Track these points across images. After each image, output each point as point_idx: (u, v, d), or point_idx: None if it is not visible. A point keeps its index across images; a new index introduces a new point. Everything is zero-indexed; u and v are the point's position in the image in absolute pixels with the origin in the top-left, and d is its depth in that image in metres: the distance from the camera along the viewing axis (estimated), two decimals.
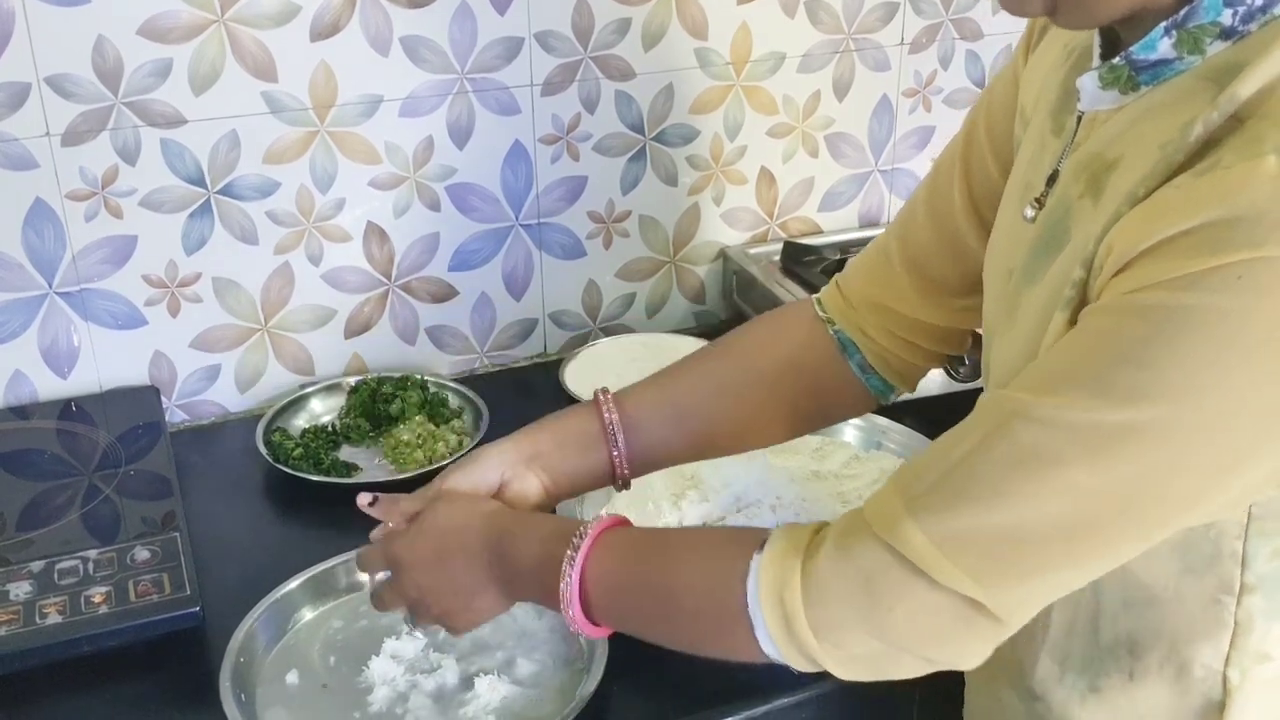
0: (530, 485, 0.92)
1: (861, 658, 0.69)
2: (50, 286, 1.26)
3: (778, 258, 1.55)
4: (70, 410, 1.29)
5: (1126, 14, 0.64)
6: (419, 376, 1.38)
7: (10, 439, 1.25)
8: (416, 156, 1.37)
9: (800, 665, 0.71)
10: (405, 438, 1.27)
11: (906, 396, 1.31)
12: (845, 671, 0.70)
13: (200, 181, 1.28)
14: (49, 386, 1.31)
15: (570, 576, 0.79)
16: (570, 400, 1.36)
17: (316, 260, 1.37)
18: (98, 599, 1.00)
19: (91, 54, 1.19)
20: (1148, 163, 0.63)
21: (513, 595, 0.87)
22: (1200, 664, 0.72)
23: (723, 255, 1.58)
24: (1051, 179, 0.73)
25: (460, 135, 1.38)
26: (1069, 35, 0.78)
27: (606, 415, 0.93)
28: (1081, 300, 0.65)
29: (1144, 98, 0.66)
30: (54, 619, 0.97)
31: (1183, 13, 0.63)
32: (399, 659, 0.98)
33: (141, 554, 1.05)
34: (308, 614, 1.03)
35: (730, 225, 1.58)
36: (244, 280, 1.34)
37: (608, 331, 1.55)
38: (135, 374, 1.34)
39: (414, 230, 1.40)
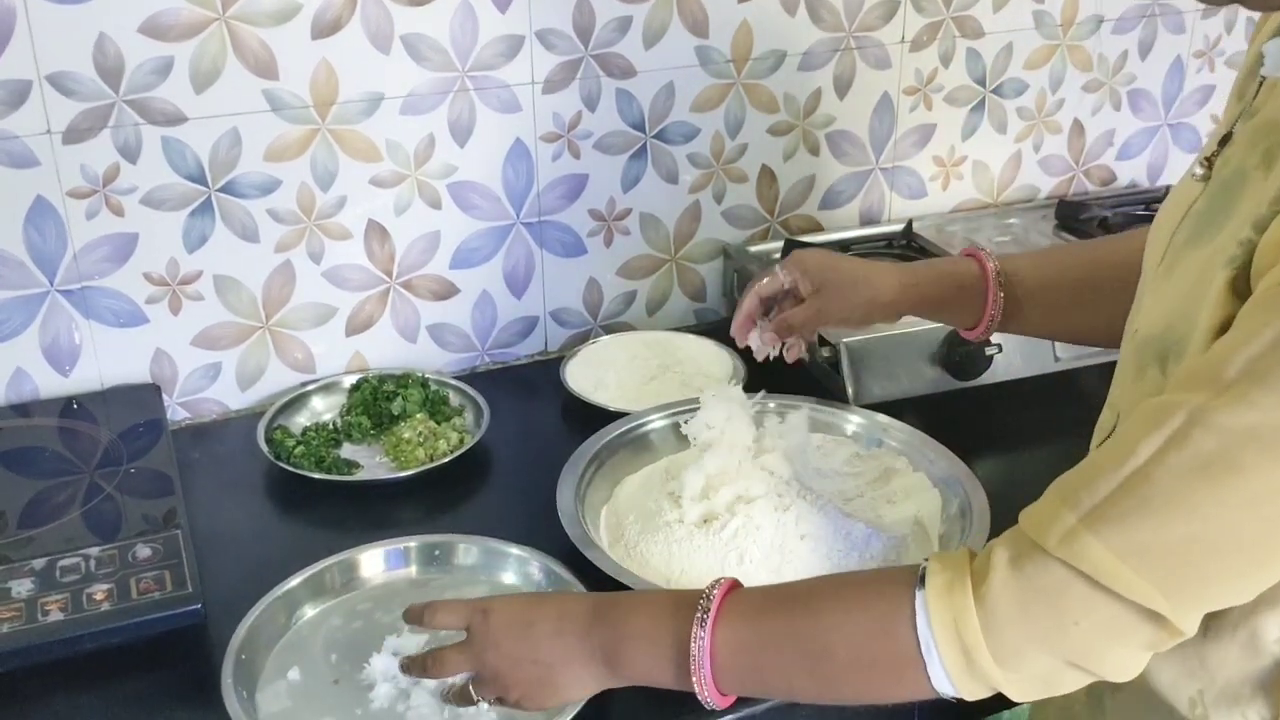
0: (907, 301, 1.07)
1: (1038, 677, 0.69)
2: (51, 284, 1.26)
3: (778, 255, 1.55)
4: (71, 408, 1.29)
5: None
6: (420, 374, 1.38)
7: (11, 437, 1.25)
8: (417, 154, 1.37)
9: (975, 696, 0.70)
10: (406, 435, 1.27)
11: (907, 395, 1.31)
12: (1022, 693, 0.69)
13: (201, 179, 1.28)
14: (50, 384, 1.31)
15: (702, 639, 0.76)
16: (571, 398, 1.36)
17: (318, 258, 1.37)
18: (99, 596, 1.00)
19: (93, 52, 1.19)
20: None
21: (610, 666, 0.81)
22: (1276, 624, 0.71)
23: (723, 253, 1.58)
24: (1224, 140, 0.73)
25: (461, 133, 1.38)
26: (1274, 17, 0.78)
27: (989, 265, 1.03)
28: (1246, 263, 0.64)
29: None
30: (56, 616, 0.98)
31: None
32: (401, 656, 0.98)
33: (143, 551, 1.05)
34: (309, 611, 1.03)
35: (731, 223, 1.58)
36: (245, 278, 1.34)
37: (609, 329, 1.55)
38: (136, 372, 1.34)
39: (415, 228, 1.40)
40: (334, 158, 1.33)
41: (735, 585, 0.80)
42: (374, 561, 1.08)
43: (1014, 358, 1.35)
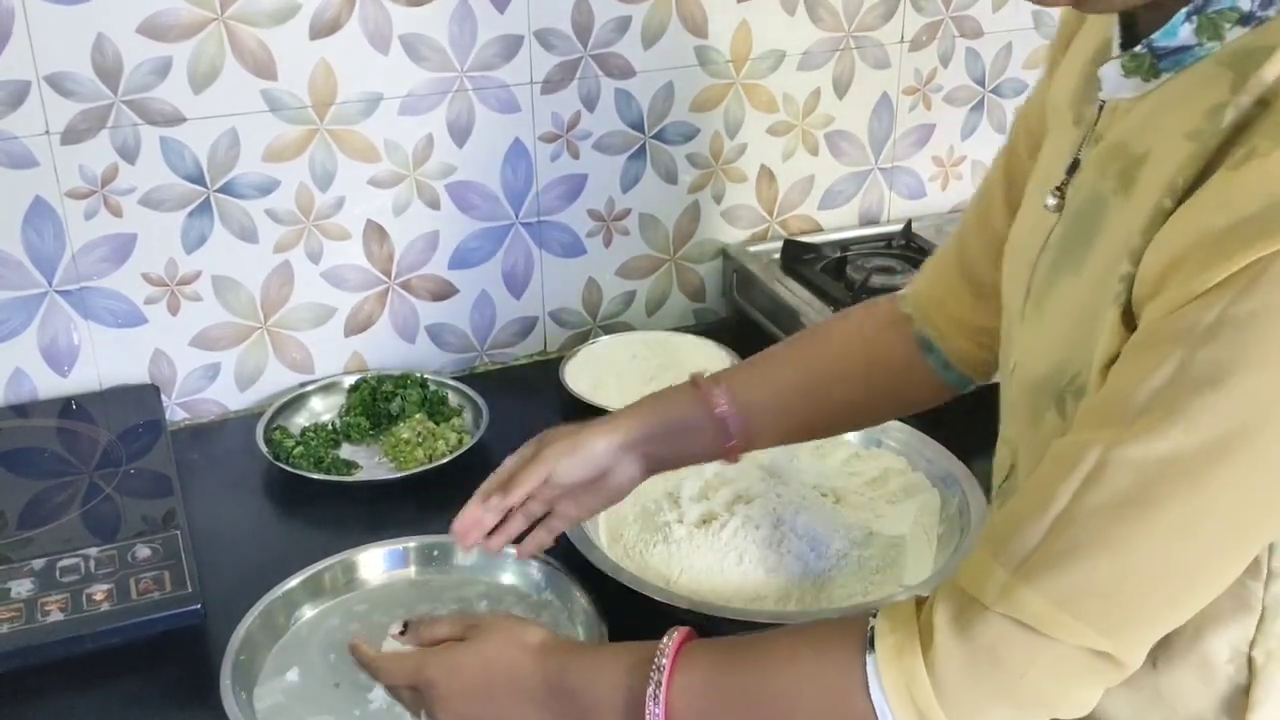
0: (632, 471, 0.94)
1: None
2: (50, 285, 1.26)
3: (778, 256, 1.55)
4: (70, 409, 1.29)
5: None
6: (419, 375, 1.38)
7: (10, 437, 1.25)
8: (416, 154, 1.37)
9: None
10: (405, 436, 1.27)
11: None
12: None
13: (200, 180, 1.28)
14: (49, 385, 1.31)
15: (655, 712, 0.75)
16: (571, 398, 1.36)
17: (316, 258, 1.37)
18: (99, 597, 1.00)
19: (91, 52, 1.19)
20: (1180, 153, 0.63)
21: None
22: (1226, 646, 0.71)
23: (723, 253, 1.58)
24: (1072, 168, 0.73)
25: (460, 133, 1.38)
26: (1093, 32, 0.78)
27: (720, 408, 0.95)
28: (1129, 296, 0.64)
29: (1163, 87, 0.67)
30: (55, 617, 0.98)
31: None
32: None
33: (142, 552, 1.05)
34: (308, 612, 1.03)
35: (730, 223, 1.58)
36: (244, 278, 1.34)
37: (608, 329, 1.55)
38: (135, 372, 1.34)
39: (414, 228, 1.40)
40: (333, 158, 1.33)
41: (688, 638, 0.79)
42: (373, 562, 1.08)
43: None
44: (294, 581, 1.03)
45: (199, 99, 1.24)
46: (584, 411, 1.32)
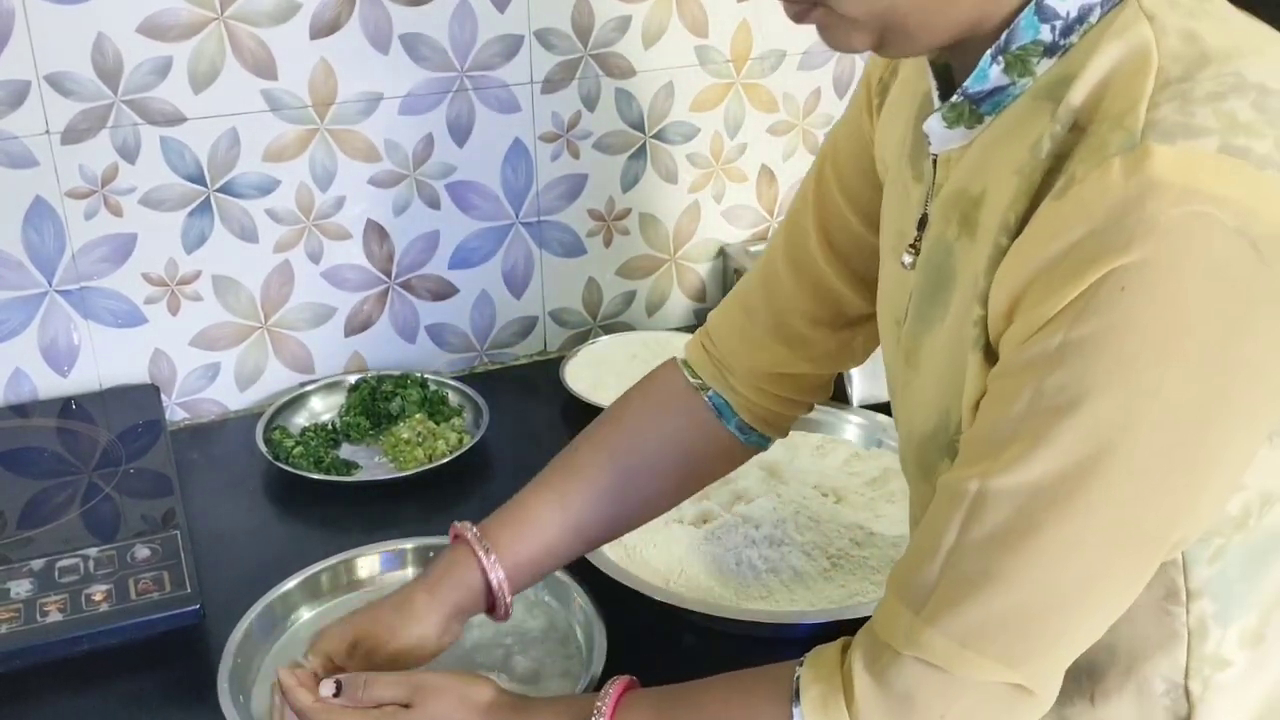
0: (457, 630, 0.89)
1: None
2: (50, 284, 1.26)
3: None
4: (70, 408, 1.29)
5: (951, 39, 0.65)
6: (419, 374, 1.38)
7: (10, 437, 1.25)
8: (416, 154, 1.37)
9: None
10: (405, 436, 1.27)
11: None
12: None
13: (200, 179, 1.28)
14: (49, 385, 1.31)
15: None
16: (571, 398, 1.36)
17: (316, 258, 1.37)
18: (98, 597, 1.00)
19: (91, 52, 1.19)
20: (1009, 190, 0.63)
21: None
22: (1160, 678, 0.71)
23: (723, 253, 1.58)
24: (922, 223, 0.73)
25: (460, 133, 1.38)
26: (910, 80, 0.78)
27: (494, 581, 0.88)
28: (987, 337, 0.65)
29: (990, 128, 0.67)
30: (54, 617, 0.98)
31: (1004, 37, 0.63)
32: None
33: (142, 552, 1.05)
34: (305, 613, 1.03)
35: (730, 223, 1.58)
36: (244, 278, 1.34)
37: (608, 329, 1.55)
38: (135, 372, 1.34)
39: (414, 228, 1.40)
40: (333, 157, 1.33)
41: (628, 688, 0.79)
42: (370, 564, 1.08)
43: None
44: (291, 583, 1.03)
45: (199, 99, 1.24)
46: (584, 411, 1.32)
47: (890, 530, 1.10)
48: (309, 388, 1.39)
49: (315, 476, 1.23)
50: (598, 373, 1.41)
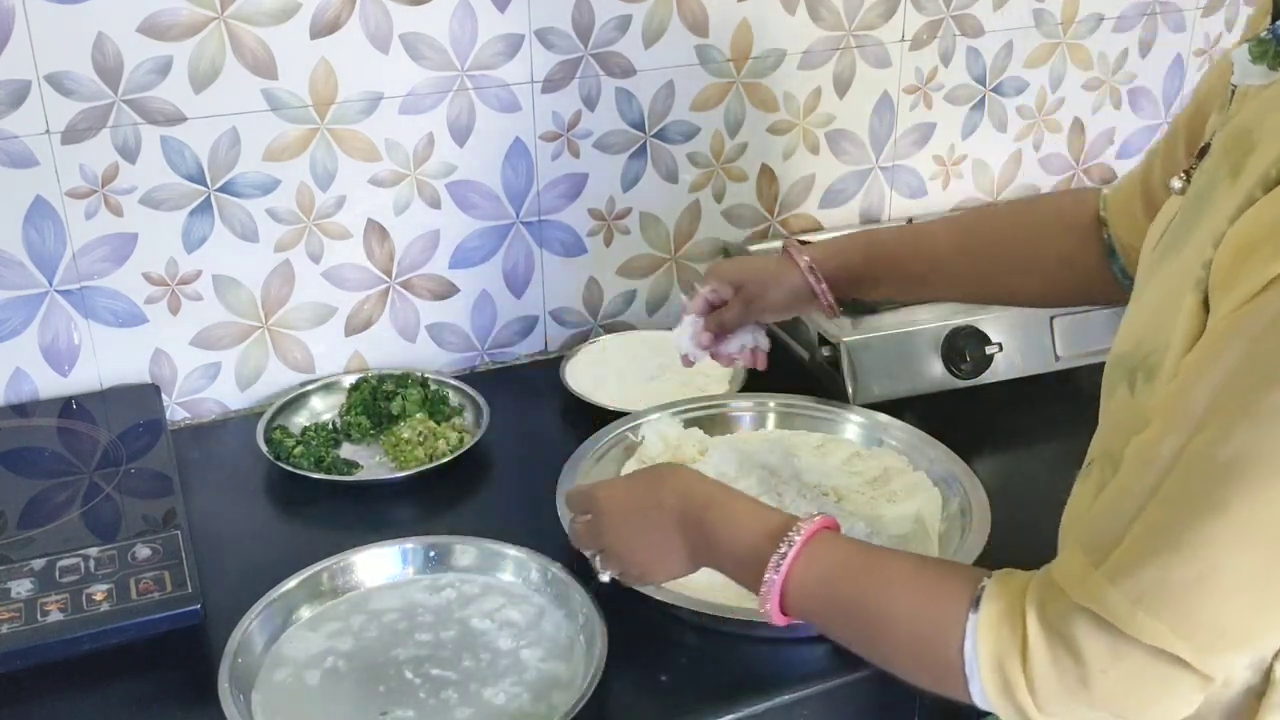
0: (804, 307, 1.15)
1: None
2: (51, 284, 1.26)
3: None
4: (71, 408, 1.29)
5: None
6: (420, 374, 1.38)
7: (11, 437, 1.25)
8: (417, 154, 1.37)
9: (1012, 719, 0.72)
10: (406, 435, 1.27)
11: (907, 394, 1.31)
12: None
13: (200, 179, 1.28)
14: (49, 384, 1.31)
15: (774, 579, 0.81)
16: (571, 398, 1.36)
17: (317, 258, 1.37)
18: (99, 597, 1.00)
19: (91, 51, 1.19)
20: (1278, 145, 0.62)
21: (699, 564, 0.93)
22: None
23: (723, 252, 1.58)
24: (1202, 152, 0.73)
25: (460, 132, 1.38)
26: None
27: (817, 287, 1.11)
28: (1208, 282, 0.64)
29: None
30: (55, 617, 0.98)
31: None
32: None
33: (142, 552, 1.05)
34: (305, 613, 1.03)
35: (731, 222, 1.58)
36: (244, 278, 1.34)
37: (609, 329, 1.55)
38: (136, 372, 1.34)
39: (414, 228, 1.40)
40: (333, 157, 1.33)
41: (827, 525, 0.84)
42: (370, 564, 1.08)
43: (1014, 356, 1.35)
44: (291, 583, 1.03)
45: (199, 98, 1.24)
46: (584, 411, 1.32)
47: (892, 530, 1.10)
48: (309, 387, 1.39)
49: (316, 476, 1.23)
50: (598, 372, 1.41)
